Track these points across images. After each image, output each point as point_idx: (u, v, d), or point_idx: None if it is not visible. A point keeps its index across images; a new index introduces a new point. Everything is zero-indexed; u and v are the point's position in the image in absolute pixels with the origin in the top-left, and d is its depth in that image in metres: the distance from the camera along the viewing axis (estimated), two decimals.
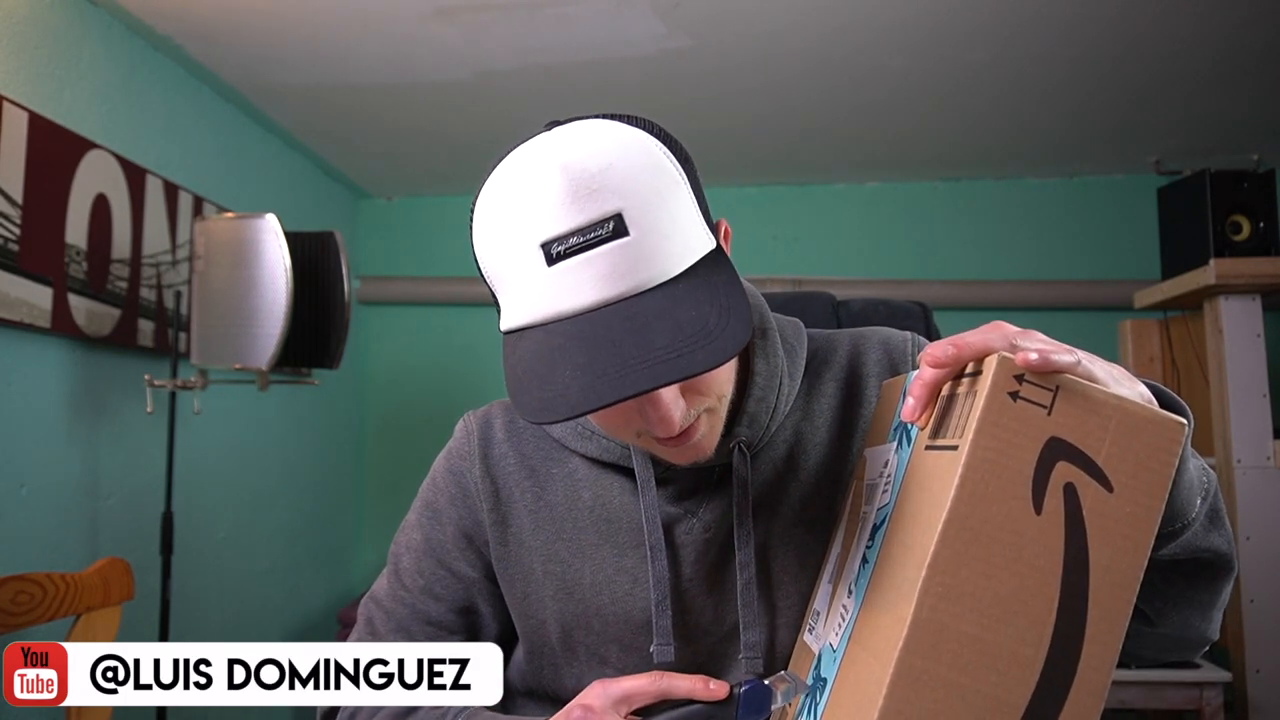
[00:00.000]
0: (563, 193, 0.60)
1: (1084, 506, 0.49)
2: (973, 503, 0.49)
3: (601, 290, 0.59)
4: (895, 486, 0.60)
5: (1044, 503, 0.49)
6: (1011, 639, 0.49)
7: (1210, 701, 2.17)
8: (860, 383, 0.82)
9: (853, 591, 0.61)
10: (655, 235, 0.60)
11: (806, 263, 3.51)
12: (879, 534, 0.60)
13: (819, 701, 0.60)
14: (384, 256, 3.75)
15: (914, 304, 1.18)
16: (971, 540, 0.49)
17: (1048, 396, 0.49)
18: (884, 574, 0.56)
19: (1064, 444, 0.49)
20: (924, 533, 0.51)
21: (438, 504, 0.85)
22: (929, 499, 0.52)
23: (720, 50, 2.41)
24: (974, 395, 0.51)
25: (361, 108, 2.80)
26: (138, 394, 2.14)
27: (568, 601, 0.79)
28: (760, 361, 0.78)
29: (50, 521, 1.97)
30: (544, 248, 0.60)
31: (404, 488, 4.07)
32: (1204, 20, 2.22)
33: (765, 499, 0.78)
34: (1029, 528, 0.49)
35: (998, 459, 0.49)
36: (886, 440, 0.66)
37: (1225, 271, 2.25)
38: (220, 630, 2.63)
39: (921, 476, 0.55)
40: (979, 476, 0.49)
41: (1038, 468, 0.49)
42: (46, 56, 1.98)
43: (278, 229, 1.95)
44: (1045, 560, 0.49)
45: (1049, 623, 0.49)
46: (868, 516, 0.64)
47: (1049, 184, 3.50)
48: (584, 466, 0.81)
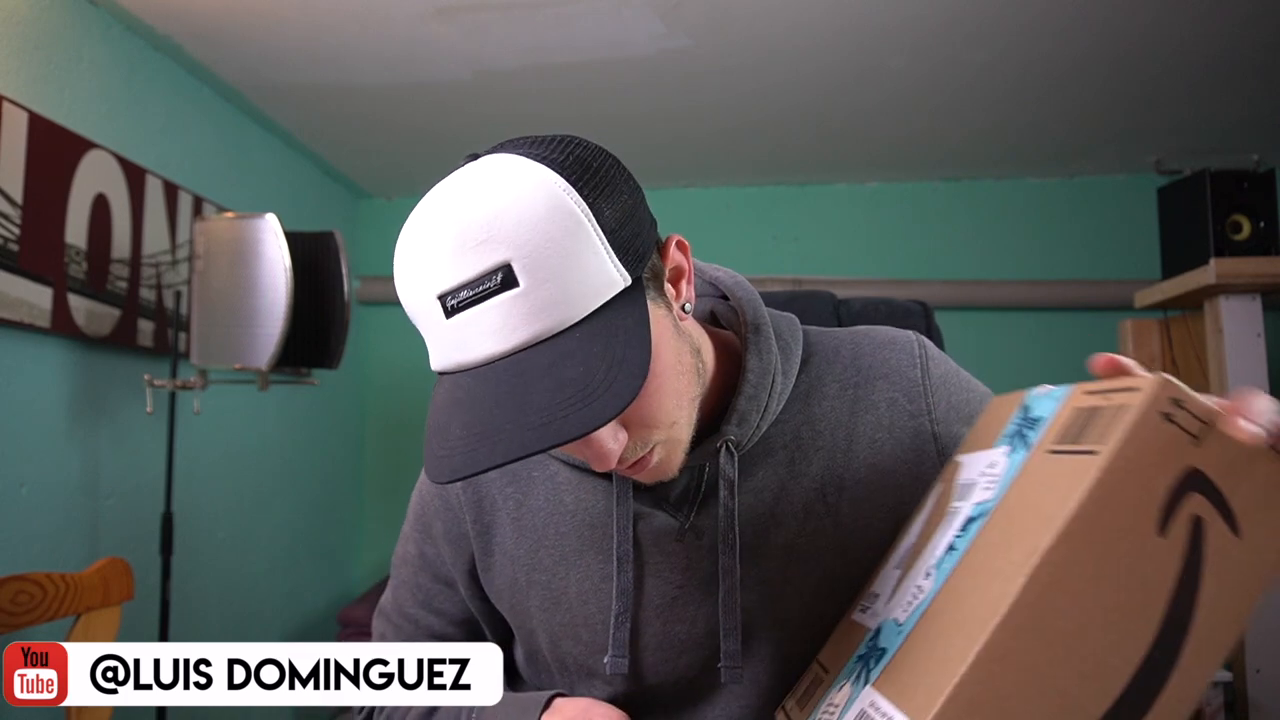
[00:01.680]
0: (451, 244, 0.58)
1: (1207, 542, 0.49)
2: (1102, 506, 0.49)
3: (493, 344, 0.58)
4: (1003, 484, 0.59)
5: (1169, 527, 0.49)
6: (1104, 648, 0.49)
7: (1210, 701, 2.17)
8: (866, 385, 0.79)
9: (931, 574, 0.60)
10: (550, 284, 0.57)
11: (807, 262, 3.52)
12: (973, 525, 0.59)
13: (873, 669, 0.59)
14: (384, 256, 3.71)
15: (915, 303, 1.18)
16: (1091, 541, 0.49)
17: (1200, 428, 0.49)
18: (981, 560, 0.55)
19: (1202, 477, 0.49)
20: (1040, 525, 0.50)
21: (426, 517, 0.85)
22: (1052, 496, 0.51)
23: (720, 50, 2.41)
24: (1123, 410, 0.50)
25: (361, 108, 2.80)
26: (138, 394, 2.14)
27: (554, 612, 0.78)
28: (753, 358, 0.76)
29: (50, 521, 1.97)
30: (440, 300, 0.59)
31: (404, 488, 4.05)
32: (1204, 21, 2.22)
33: (764, 505, 0.76)
34: (1149, 546, 0.49)
35: (1136, 471, 0.49)
36: (993, 446, 0.65)
37: (1225, 271, 2.24)
38: (220, 630, 2.63)
39: (1043, 476, 0.55)
40: (1114, 482, 0.49)
41: (1171, 492, 0.49)
42: (46, 56, 1.98)
43: (278, 229, 1.95)
44: (1156, 582, 0.49)
45: (1145, 643, 0.49)
46: (959, 511, 0.63)
47: (1049, 184, 3.50)
48: (566, 471, 0.79)
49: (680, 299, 0.69)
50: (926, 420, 0.78)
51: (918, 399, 0.78)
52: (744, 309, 0.80)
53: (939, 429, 0.78)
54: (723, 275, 0.85)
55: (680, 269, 0.69)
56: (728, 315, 0.83)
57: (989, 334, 3.37)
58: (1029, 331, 3.44)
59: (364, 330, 3.68)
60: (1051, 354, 3.42)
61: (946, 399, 0.79)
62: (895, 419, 0.78)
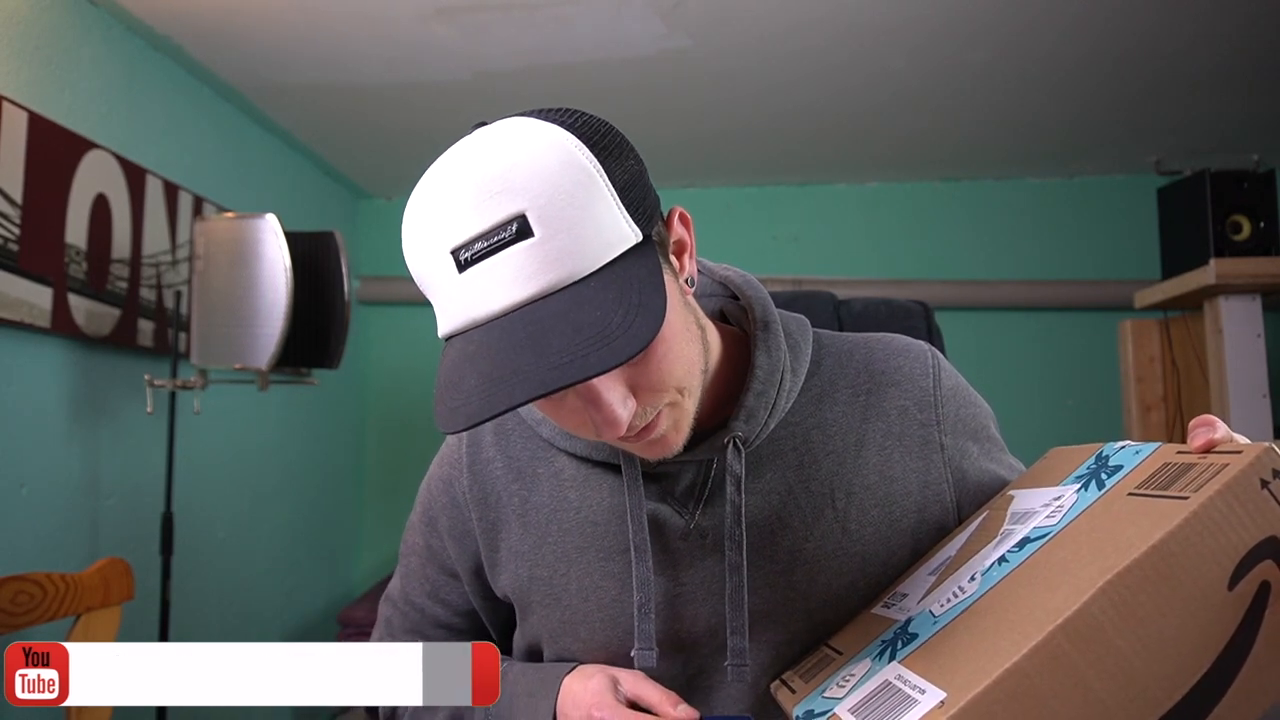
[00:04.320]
0: (467, 198, 0.59)
1: (1269, 608, 0.52)
2: (1183, 545, 0.51)
3: (508, 295, 0.58)
4: (1070, 514, 0.61)
5: (1238, 585, 0.51)
6: (1153, 676, 0.51)
7: None
8: (878, 393, 0.79)
9: (976, 579, 0.62)
10: (564, 235, 0.58)
11: (807, 263, 3.51)
12: (1030, 545, 0.61)
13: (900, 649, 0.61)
14: (384, 256, 3.75)
15: (915, 303, 1.18)
16: (1166, 576, 0.51)
17: None
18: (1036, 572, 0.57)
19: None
20: (1117, 550, 0.52)
21: (433, 511, 0.85)
22: (1131, 529, 0.54)
23: (720, 50, 2.41)
24: (1222, 469, 0.53)
25: (361, 108, 2.80)
26: (138, 394, 2.14)
27: (554, 608, 0.77)
28: (761, 355, 0.76)
29: (50, 521, 1.97)
30: (453, 254, 0.59)
31: (404, 488, 4.05)
32: (1204, 21, 2.22)
33: (773, 508, 0.75)
34: (1215, 596, 0.51)
35: (1223, 524, 0.51)
36: (1059, 484, 0.67)
37: (1225, 271, 2.24)
38: (220, 630, 2.63)
39: (1121, 511, 0.57)
40: (1200, 526, 0.51)
41: (1249, 552, 0.51)
42: (46, 56, 1.98)
43: (278, 229, 1.95)
44: (1213, 631, 0.51)
45: (1188, 683, 0.51)
46: (1013, 532, 0.65)
47: (1049, 184, 3.50)
48: (571, 465, 0.78)
49: (684, 273, 0.69)
50: (935, 430, 0.78)
51: (928, 409, 0.78)
52: (753, 307, 0.80)
53: (946, 440, 0.78)
54: (732, 274, 0.85)
55: (683, 242, 0.70)
56: (736, 314, 0.83)
57: (989, 334, 3.37)
58: (1029, 331, 3.44)
59: (364, 330, 3.68)
60: (1051, 354, 3.42)
61: (956, 411, 0.80)
62: (906, 428, 0.78)
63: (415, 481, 0.89)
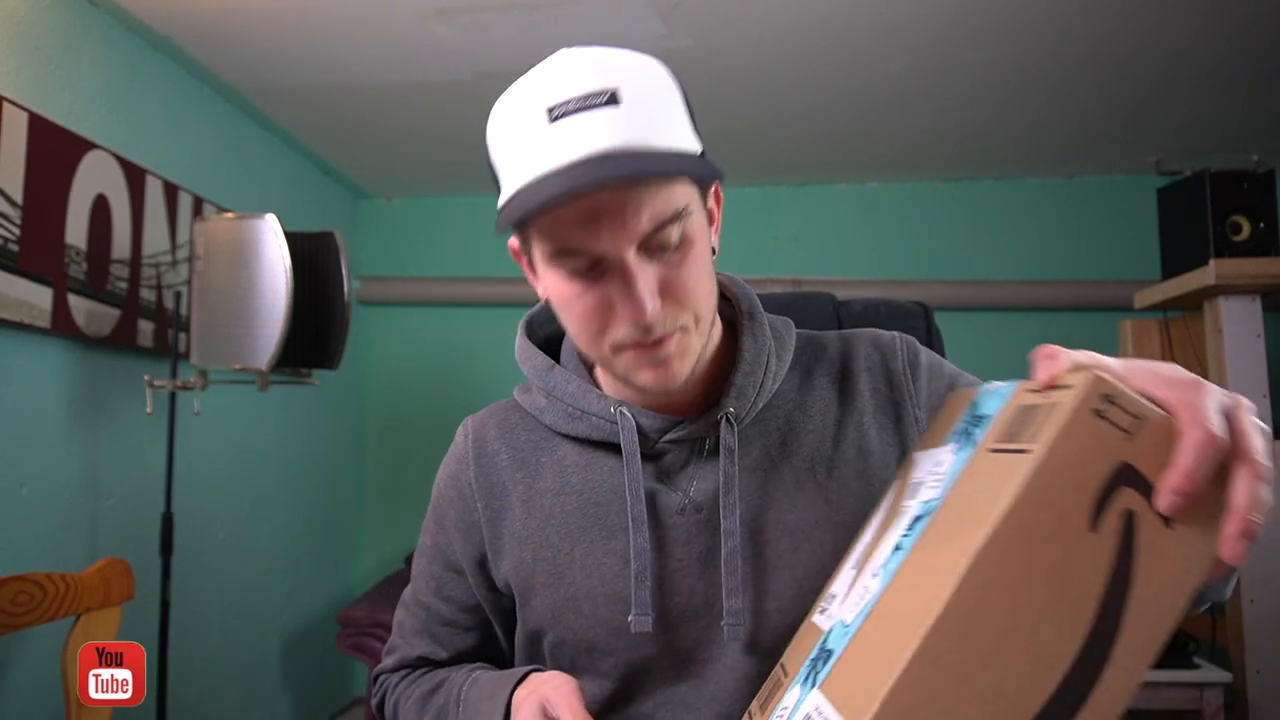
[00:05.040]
0: (568, 71, 0.68)
1: (1139, 536, 0.49)
2: (1032, 505, 0.49)
3: (591, 144, 0.65)
4: (947, 483, 0.60)
5: (1101, 522, 0.49)
6: (1038, 646, 0.49)
7: (1210, 701, 2.17)
8: (852, 378, 0.85)
9: (878, 574, 0.61)
10: (646, 115, 0.67)
11: (807, 263, 3.52)
12: (919, 524, 0.60)
13: (820, 671, 0.60)
14: (384, 256, 3.75)
15: (915, 304, 1.18)
16: (1023, 541, 0.49)
17: (1129, 422, 0.50)
18: (920, 560, 0.56)
19: (1135, 472, 0.49)
20: (974, 525, 0.50)
21: (440, 508, 0.89)
22: (986, 495, 0.52)
23: (720, 50, 2.41)
24: (1056, 408, 0.51)
25: (361, 108, 2.80)
26: (138, 394, 2.14)
27: (558, 586, 0.80)
28: (748, 340, 0.82)
29: (50, 521, 1.97)
30: (549, 110, 0.67)
31: (404, 488, 4.07)
32: (1204, 22, 2.22)
33: (758, 482, 0.80)
34: (1081, 542, 0.49)
35: (1068, 468, 0.49)
36: (942, 444, 0.66)
37: (1225, 272, 2.24)
38: (220, 631, 2.63)
39: (981, 475, 0.56)
40: (1045, 481, 0.49)
41: (1103, 487, 0.49)
42: (46, 56, 1.98)
43: (278, 229, 1.95)
44: (1089, 578, 0.49)
45: (1079, 639, 0.49)
46: (908, 509, 0.64)
47: (1049, 184, 3.50)
48: (573, 452, 0.83)
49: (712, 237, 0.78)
50: (909, 405, 0.83)
51: (899, 387, 0.84)
52: (740, 301, 0.86)
53: (920, 413, 0.83)
54: (720, 275, 0.89)
55: (711, 213, 0.78)
56: (726, 313, 0.88)
57: (989, 334, 3.37)
58: (1029, 332, 3.44)
59: (364, 330, 3.68)
60: None
61: (927, 384, 0.85)
62: (879, 405, 0.84)
63: (415, 481, 0.90)
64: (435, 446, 0.90)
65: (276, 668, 3.01)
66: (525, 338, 0.88)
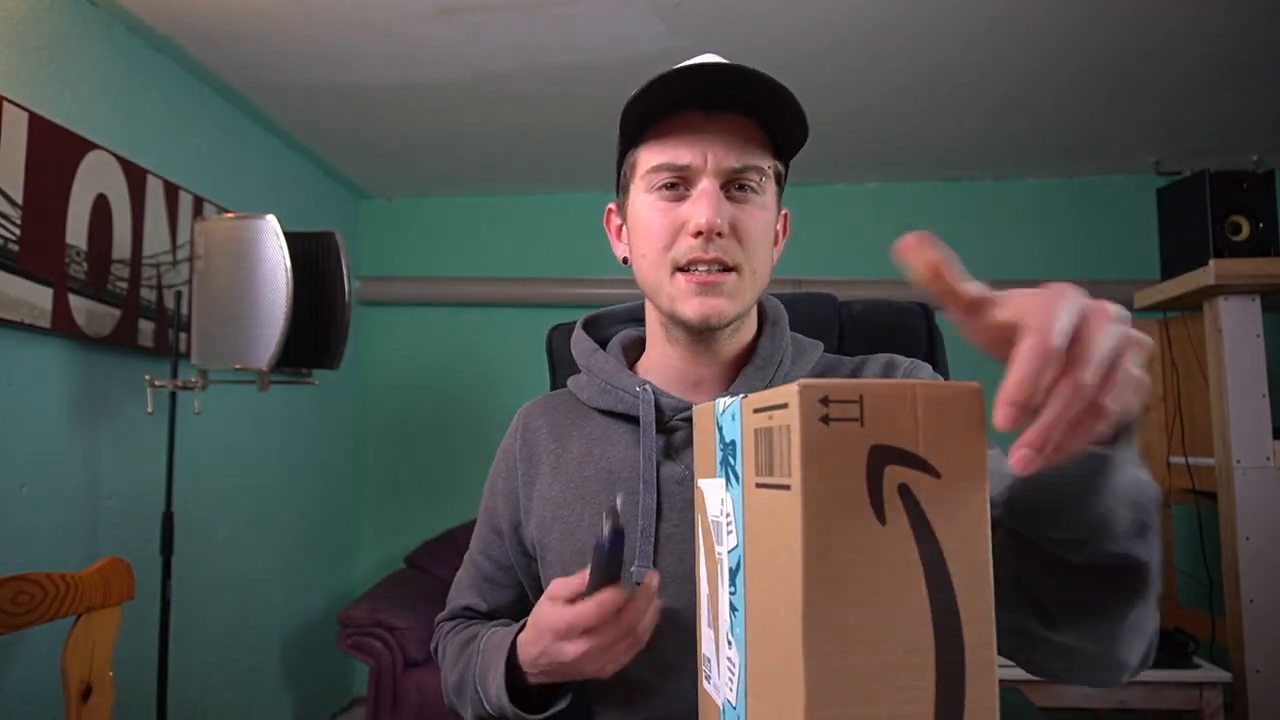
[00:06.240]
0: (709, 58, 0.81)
1: (921, 500, 0.49)
2: (822, 539, 0.49)
3: (711, 59, 0.78)
4: (739, 528, 0.60)
5: (885, 512, 0.49)
6: (900, 653, 0.49)
7: (1210, 701, 2.17)
8: None
9: (732, 642, 0.61)
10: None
11: (807, 263, 3.51)
12: (738, 578, 0.60)
13: None
14: (384, 256, 3.75)
15: (916, 304, 1.18)
16: (834, 575, 0.49)
17: (856, 409, 0.49)
18: (759, 623, 0.56)
19: (884, 448, 0.49)
20: (785, 578, 0.50)
21: (494, 476, 1.01)
22: (779, 542, 0.52)
23: (720, 51, 2.40)
24: (789, 431, 0.50)
25: (361, 108, 2.80)
26: (138, 394, 2.14)
27: (569, 541, 0.90)
28: (766, 340, 0.91)
29: (50, 521, 1.97)
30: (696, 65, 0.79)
31: (404, 488, 4.05)
32: (1204, 22, 2.22)
33: None
34: (880, 542, 0.49)
35: (830, 487, 0.49)
36: (715, 475, 0.66)
37: (1225, 272, 2.24)
38: (220, 630, 2.63)
39: (763, 517, 0.55)
40: (818, 511, 0.49)
41: (869, 481, 0.49)
42: (46, 56, 1.98)
43: (278, 229, 1.95)
44: (905, 565, 0.49)
45: (927, 621, 0.49)
46: (723, 559, 0.64)
47: (1049, 184, 3.50)
48: (601, 425, 0.93)
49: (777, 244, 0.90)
50: None
51: None
52: (768, 310, 0.95)
53: None
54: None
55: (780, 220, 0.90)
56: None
57: None
58: None
59: (364, 330, 3.68)
60: None
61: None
62: None
63: (415, 481, 0.92)
64: (435, 446, 0.91)
65: (276, 667, 3.01)
66: (582, 329, 1.00)
